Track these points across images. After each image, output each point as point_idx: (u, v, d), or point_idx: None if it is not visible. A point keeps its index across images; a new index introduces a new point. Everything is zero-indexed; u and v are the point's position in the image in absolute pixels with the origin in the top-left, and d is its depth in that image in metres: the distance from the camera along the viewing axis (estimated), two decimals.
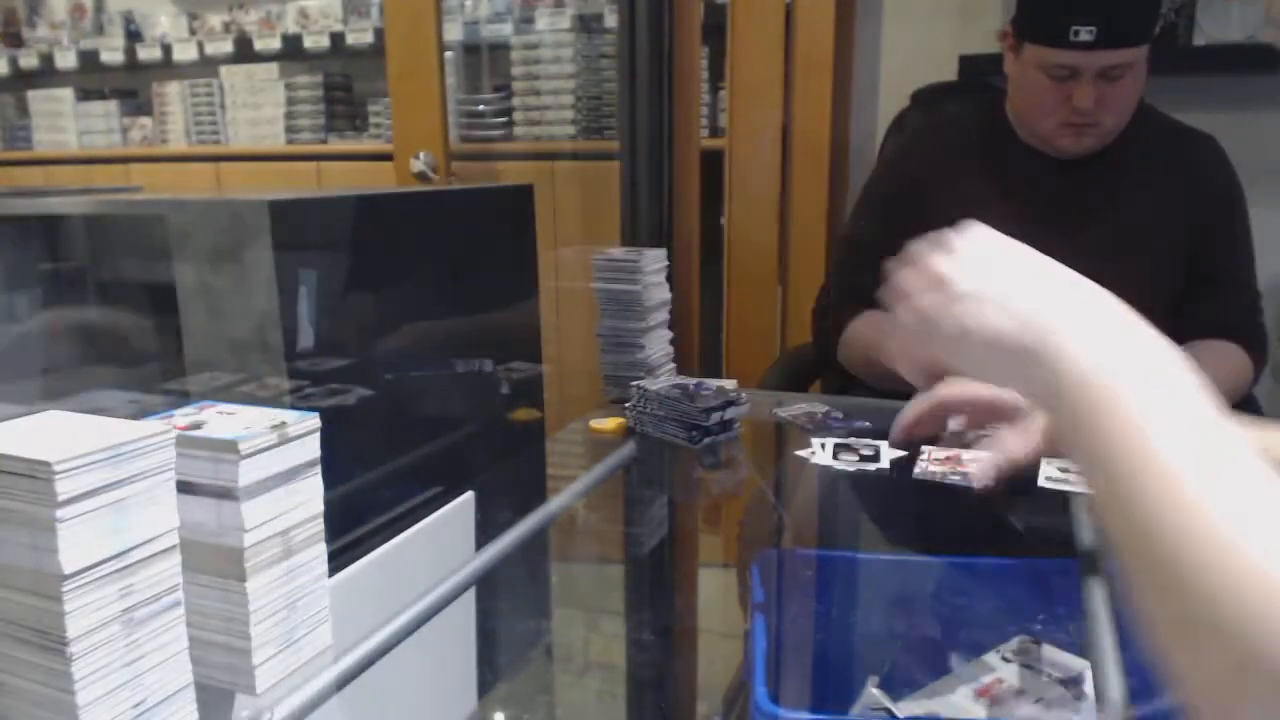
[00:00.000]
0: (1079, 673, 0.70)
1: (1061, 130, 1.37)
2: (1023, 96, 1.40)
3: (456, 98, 2.63)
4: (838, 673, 0.79)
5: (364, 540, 0.87)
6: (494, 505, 0.99)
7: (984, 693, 0.69)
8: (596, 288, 1.37)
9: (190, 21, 3.15)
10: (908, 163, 1.55)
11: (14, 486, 0.46)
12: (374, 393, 0.93)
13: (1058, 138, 1.38)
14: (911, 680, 0.71)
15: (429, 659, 0.77)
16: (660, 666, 0.77)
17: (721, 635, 0.87)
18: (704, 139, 1.79)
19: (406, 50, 2.31)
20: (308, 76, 2.95)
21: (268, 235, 0.79)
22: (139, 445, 0.49)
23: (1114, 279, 1.34)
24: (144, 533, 0.50)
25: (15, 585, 0.48)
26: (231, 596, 0.57)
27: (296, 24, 2.96)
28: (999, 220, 1.65)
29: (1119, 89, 1.32)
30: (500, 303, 1.17)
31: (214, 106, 3.07)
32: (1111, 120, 1.36)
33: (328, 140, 2.93)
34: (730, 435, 1.22)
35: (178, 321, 0.83)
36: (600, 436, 1.24)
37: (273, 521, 0.58)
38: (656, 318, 1.40)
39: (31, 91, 3.35)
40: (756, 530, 1.04)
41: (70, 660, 0.47)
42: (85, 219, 0.99)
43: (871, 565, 0.94)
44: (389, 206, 0.98)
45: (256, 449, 0.56)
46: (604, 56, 2.55)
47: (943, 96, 1.85)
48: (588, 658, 0.86)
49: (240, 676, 0.58)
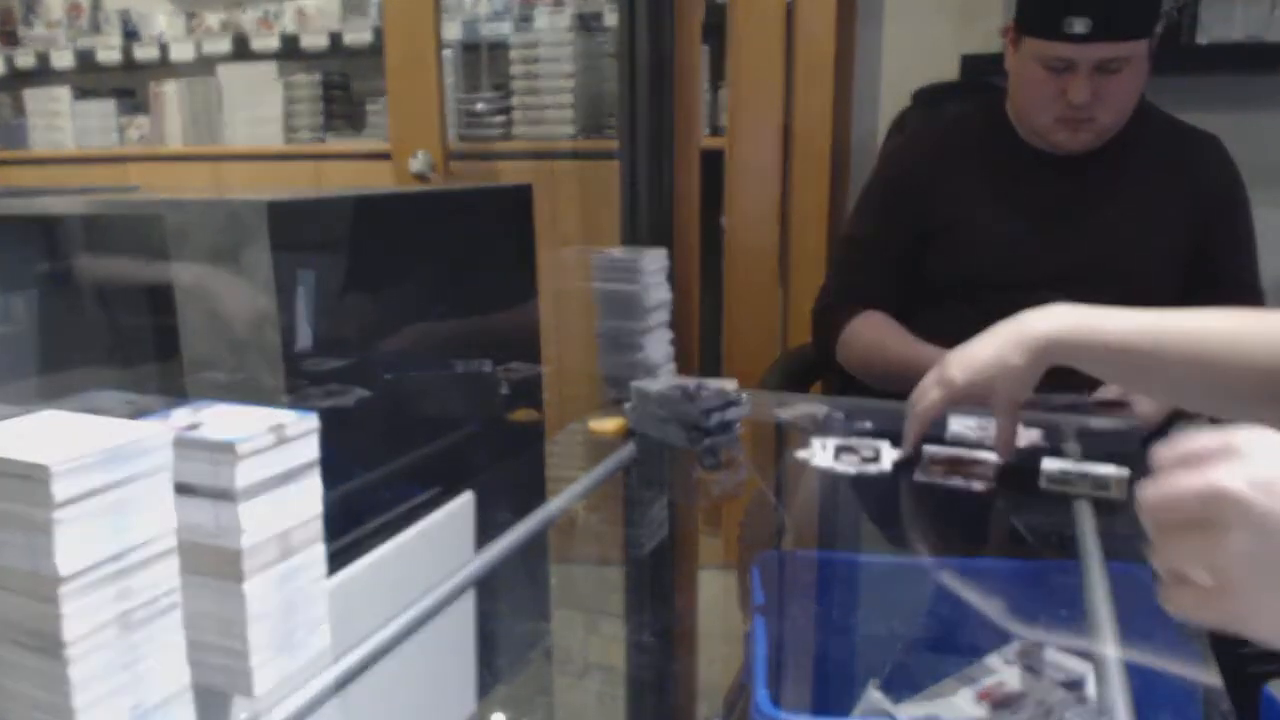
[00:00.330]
0: (1081, 675, 0.70)
1: (1058, 125, 1.37)
2: (1020, 91, 1.40)
3: (455, 97, 2.63)
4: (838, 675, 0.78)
5: (363, 541, 0.86)
6: (493, 506, 0.99)
7: (985, 695, 0.69)
8: (596, 288, 1.36)
9: (188, 20, 3.14)
10: (908, 162, 1.55)
11: (10, 489, 0.46)
12: (373, 393, 0.93)
13: (1054, 133, 1.38)
14: (913, 682, 0.71)
15: (428, 660, 0.77)
16: (660, 668, 0.77)
17: (722, 637, 0.86)
18: (704, 139, 1.79)
19: (405, 49, 2.31)
20: (306, 76, 2.94)
21: (266, 235, 0.78)
22: (136, 447, 0.49)
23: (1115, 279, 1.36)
24: (141, 535, 0.50)
25: (11, 588, 0.47)
26: (229, 599, 0.56)
27: (294, 23, 2.96)
28: (1000, 220, 1.65)
29: (1116, 84, 1.32)
30: (499, 303, 1.17)
31: (211, 106, 3.07)
32: (1109, 117, 1.35)
33: (326, 140, 2.93)
34: (730, 436, 1.22)
35: (175, 322, 0.83)
36: (600, 437, 1.24)
37: (271, 523, 0.57)
38: (656, 318, 1.40)
39: (28, 90, 3.34)
40: (757, 532, 1.03)
41: (67, 663, 0.47)
42: (82, 219, 0.98)
43: (872, 567, 0.94)
44: (388, 206, 0.97)
45: (254, 450, 0.55)
46: (604, 56, 2.54)
47: (944, 96, 1.85)
48: (587, 659, 0.86)
49: (238, 679, 0.58)
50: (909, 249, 1.49)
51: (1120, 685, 0.66)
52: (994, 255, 1.42)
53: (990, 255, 1.42)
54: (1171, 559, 0.50)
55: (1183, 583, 0.49)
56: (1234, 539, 0.47)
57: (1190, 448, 0.51)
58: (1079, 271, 1.38)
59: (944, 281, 1.46)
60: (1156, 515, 0.51)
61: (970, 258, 1.43)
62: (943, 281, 1.46)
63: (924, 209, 1.47)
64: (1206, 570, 0.48)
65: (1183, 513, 0.49)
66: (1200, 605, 0.49)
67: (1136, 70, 1.33)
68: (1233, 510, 0.47)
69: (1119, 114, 1.36)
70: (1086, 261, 1.39)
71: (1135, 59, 1.31)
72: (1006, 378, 0.96)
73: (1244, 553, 0.46)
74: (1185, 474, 0.49)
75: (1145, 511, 0.51)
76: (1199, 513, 0.48)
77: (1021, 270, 1.40)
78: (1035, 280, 1.39)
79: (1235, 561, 0.47)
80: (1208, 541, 0.48)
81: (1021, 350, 0.95)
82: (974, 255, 1.43)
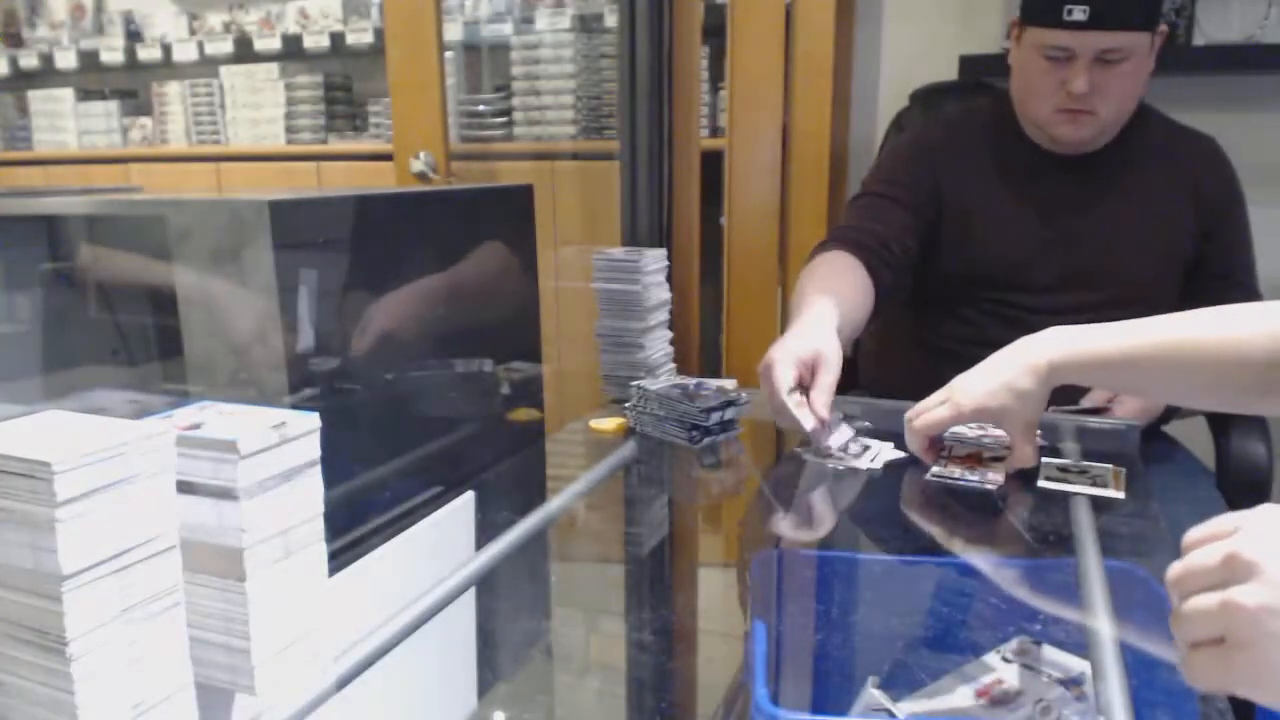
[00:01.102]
0: (1079, 673, 0.70)
1: (1058, 117, 1.37)
2: (1022, 82, 1.41)
3: (456, 98, 2.63)
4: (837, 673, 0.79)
5: (364, 540, 0.87)
6: (494, 505, 0.99)
7: (984, 693, 0.69)
8: (596, 288, 1.37)
9: (190, 21, 3.15)
10: (935, 141, 1.52)
11: (14, 486, 0.46)
12: (374, 392, 0.93)
13: (1055, 125, 1.38)
14: (911, 680, 0.71)
15: (429, 658, 0.77)
16: (660, 667, 0.77)
17: (721, 636, 0.87)
18: (704, 139, 1.79)
19: (406, 50, 2.31)
20: (308, 76, 2.95)
21: (268, 235, 0.79)
22: (139, 445, 0.49)
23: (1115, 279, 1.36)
24: (144, 533, 0.50)
25: (15, 585, 0.48)
26: (231, 596, 0.57)
27: (296, 24, 2.97)
28: (1002, 218, 1.65)
29: (1116, 77, 1.32)
30: (500, 302, 1.17)
31: (214, 106, 3.07)
32: (1108, 110, 1.35)
33: (328, 140, 2.93)
34: (730, 435, 1.22)
35: (178, 322, 0.83)
36: (600, 436, 1.24)
37: (273, 522, 0.58)
38: (656, 318, 1.40)
39: (32, 91, 3.35)
40: (756, 530, 1.04)
41: (70, 660, 0.47)
42: (86, 219, 0.99)
43: (871, 565, 0.94)
44: (389, 207, 0.98)
45: (256, 449, 0.56)
46: (604, 56, 2.55)
47: (942, 97, 1.85)
48: (587, 658, 0.86)
49: (240, 677, 0.58)
50: (925, 214, 1.45)
51: (1118, 682, 0.67)
52: (996, 253, 1.42)
53: (992, 253, 1.42)
54: (1190, 624, 0.53)
55: (1200, 650, 0.53)
56: (1248, 590, 0.50)
57: (1210, 529, 0.56)
58: (1080, 271, 1.38)
59: (949, 280, 1.46)
60: (1180, 586, 0.55)
61: (973, 255, 1.43)
62: (948, 280, 1.46)
63: (938, 186, 1.46)
64: (1222, 630, 0.51)
65: (1204, 579, 0.53)
66: (1218, 669, 0.52)
67: (1138, 65, 1.33)
68: (1243, 569, 0.51)
69: (1119, 108, 1.36)
70: (1087, 261, 1.39)
71: (1137, 53, 1.31)
72: (1020, 402, 0.99)
73: (1258, 606, 0.50)
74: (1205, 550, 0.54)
75: (1169, 585, 0.55)
76: (1218, 575, 0.52)
77: (1023, 269, 1.40)
78: (1036, 280, 1.39)
79: (1251, 617, 0.50)
80: (1224, 600, 0.51)
81: (1031, 375, 0.98)
82: (977, 252, 1.43)
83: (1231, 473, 1.36)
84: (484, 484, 1.09)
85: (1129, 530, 0.94)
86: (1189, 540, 0.56)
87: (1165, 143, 1.44)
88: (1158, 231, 1.40)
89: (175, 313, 0.83)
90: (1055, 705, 0.66)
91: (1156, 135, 1.44)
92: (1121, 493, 1.00)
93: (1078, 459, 1.07)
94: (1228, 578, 0.52)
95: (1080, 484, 1.01)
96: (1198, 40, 1.92)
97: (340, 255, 0.89)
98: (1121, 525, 0.95)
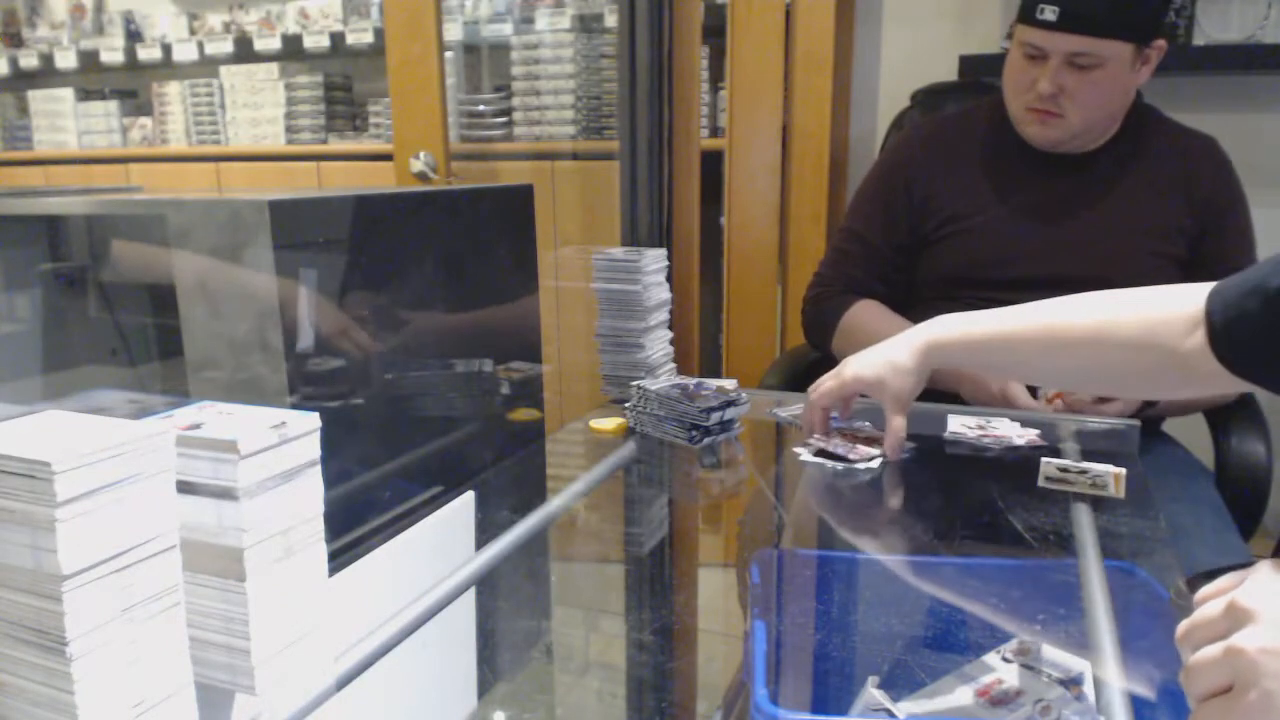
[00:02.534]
0: (1079, 673, 0.70)
1: (1027, 115, 1.39)
2: (1005, 77, 1.44)
3: (456, 98, 2.63)
4: (837, 673, 0.79)
5: (364, 540, 0.87)
6: (494, 505, 1.00)
7: (984, 693, 0.69)
8: (596, 288, 1.37)
9: (190, 21, 3.15)
10: (909, 155, 1.55)
11: (14, 486, 0.46)
12: (374, 393, 0.93)
13: (1025, 123, 1.40)
14: (911, 680, 0.71)
15: (429, 658, 0.77)
16: (660, 666, 0.77)
17: (721, 635, 0.87)
18: (704, 139, 1.79)
19: (406, 50, 2.31)
20: (308, 76, 2.95)
21: (268, 235, 0.79)
22: (139, 445, 0.49)
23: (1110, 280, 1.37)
24: (144, 533, 0.50)
25: (15, 585, 0.48)
26: (231, 596, 0.57)
27: (296, 24, 2.97)
28: (998, 218, 1.65)
29: (1086, 83, 1.32)
30: (500, 303, 1.17)
31: (214, 106, 3.07)
32: (1077, 115, 1.35)
33: (328, 140, 2.93)
34: (730, 435, 1.22)
35: (178, 322, 0.83)
36: (600, 436, 1.24)
37: (273, 521, 0.58)
38: (656, 318, 1.40)
39: (32, 91, 3.35)
40: (756, 530, 1.04)
41: (70, 660, 0.47)
42: (86, 219, 0.99)
43: (871, 565, 0.94)
44: (389, 206, 0.98)
45: (256, 449, 0.56)
46: (604, 56, 2.55)
47: (942, 97, 1.85)
48: (588, 658, 0.86)
49: (240, 676, 0.58)
50: (905, 243, 1.50)
51: (1118, 682, 0.67)
52: (990, 253, 1.42)
53: (986, 253, 1.42)
54: (1198, 676, 0.54)
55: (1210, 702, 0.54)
56: (1247, 635, 0.52)
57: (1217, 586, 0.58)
58: (1075, 272, 1.38)
59: (940, 279, 1.46)
60: (1188, 641, 0.56)
61: (966, 255, 1.44)
62: (939, 279, 1.46)
63: (923, 203, 1.48)
64: (1229, 678, 0.52)
65: (1209, 631, 0.55)
66: (1226, 716, 0.52)
67: (1112, 74, 1.32)
68: (1243, 616, 0.53)
69: (1088, 115, 1.36)
70: (1083, 262, 1.39)
71: (1112, 62, 1.31)
72: (895, 375, 1.07)
73: (1258, 649, 0.51)
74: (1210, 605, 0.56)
75: (1179, 642, 0.57)
76: (1222, 626, 0.54)
77: (1017, 269, 1.40)
78: (1030, 280, 1.39)
79: (1251, 660, 0.51)
80: (1227, 647, 0.53)
81: (908, 352, 1.06)
82: (970, 253, 1.43)
83: (1231, 472, 1.37)
84: (484, 484, 1.09)
85: (1129, 530, 0.94)
86: (1198, 599, 0.58)
87: (1164, 143, 1.44)
88: (1151, 231, 1.40)
89: (175, 312, 0.83)
90: (1055, 705, 0.66)
91: (1155, 136, 1.44)
92: (1121, 493, 1.00)
93: (1077, 459, 1.07)
94: (1230, 626, 0.54)
95: (1080, 484, 1.01)
96: (1198, 40, 1.92)
97: (340, 255, 0.89)
98: (1121, 525, 0.95)
